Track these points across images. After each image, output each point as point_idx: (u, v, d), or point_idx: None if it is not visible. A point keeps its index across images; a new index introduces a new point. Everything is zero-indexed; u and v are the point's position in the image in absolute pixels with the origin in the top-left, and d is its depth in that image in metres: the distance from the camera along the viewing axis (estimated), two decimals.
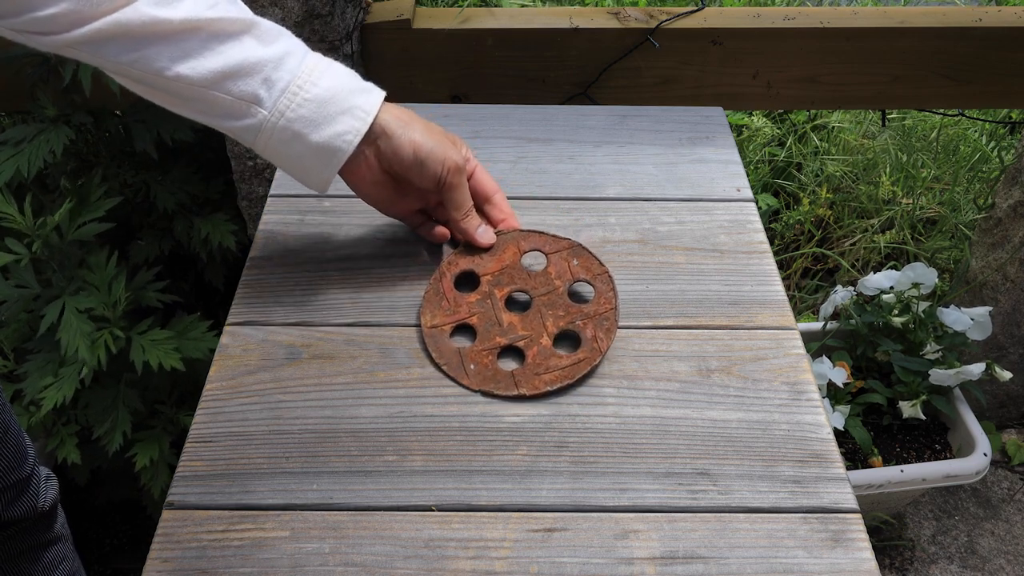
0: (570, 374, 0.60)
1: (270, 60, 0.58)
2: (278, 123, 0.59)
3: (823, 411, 0.60)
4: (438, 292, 0.66)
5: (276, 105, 0.58)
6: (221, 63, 0.56)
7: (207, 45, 0.56)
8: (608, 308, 0.64)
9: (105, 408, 1.01)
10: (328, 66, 0.61)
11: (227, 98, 0.57)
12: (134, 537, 1.37)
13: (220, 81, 0.57)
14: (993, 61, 1.13)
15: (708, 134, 0.83)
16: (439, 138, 0.64)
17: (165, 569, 0.51)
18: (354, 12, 1.01)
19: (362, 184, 0.65)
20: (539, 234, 0.69)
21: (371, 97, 0.61)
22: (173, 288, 1.09)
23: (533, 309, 0.64)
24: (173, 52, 0.56)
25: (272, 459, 0.56)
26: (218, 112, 0.58)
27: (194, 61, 0.56)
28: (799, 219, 1.68)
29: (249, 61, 0.57)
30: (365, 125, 0.61)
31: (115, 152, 1.11)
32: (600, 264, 0.67)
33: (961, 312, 1.26)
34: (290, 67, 0.58)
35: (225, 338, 0.63)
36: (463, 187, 0.66)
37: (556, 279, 0.66)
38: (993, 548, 1.41)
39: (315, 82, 0.59)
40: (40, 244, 0.93)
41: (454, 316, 0.64)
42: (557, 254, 0.67)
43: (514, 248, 0.68)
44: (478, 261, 0.68)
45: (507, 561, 0.51)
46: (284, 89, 0.58)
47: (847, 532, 0.53)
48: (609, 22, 1.09)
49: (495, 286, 0.66)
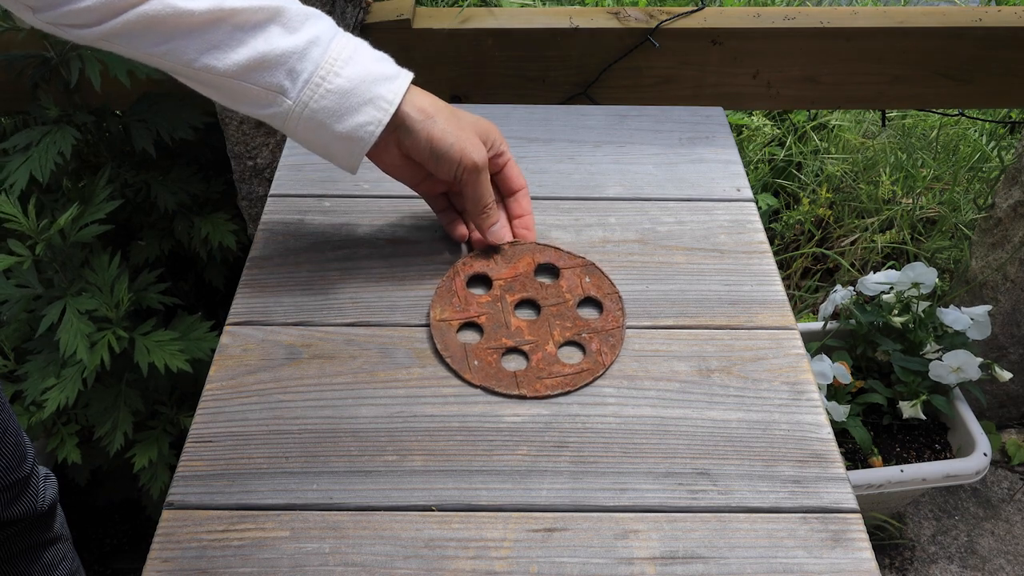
0: (571, 382, 0.61)
1: (295, 51, 0.58)
2: (303, 113, 0.60)
3: (823, 411, 0.60)
4: (450, 289, 0.66)
5: (300, 96, 0.59)
6: (246, 55, 0.57)
7: (232, 36, 0.57)
8: (615, 326, 0.64)
9: (106, 408, 1.01)
10: (354, 52, 0.60)
11: (254, 88, 0.59)
12: (134, 537, 1.37)
13: (246, 72, 0.58)
14: (993, 61, 1.13)
15: (708, 134, 0.83)
16: (461, 133, 0.64)
17: (165, 569, 0.51)
18: (354, 12, 1.01)
19: (387, 166, 0.66)
20: (555, 249, 0.69)
21: (394, 85, 0.61)
22: (174, 288, 1.09)
23: (541, 318, 0.65)
24: (200, 44, 0.57)
25: (272, 459, 0.56)
26: (246, 100, 0.60)
27: (220, 53, 0.57)
28: (799, 219, 1.68)
29: (274, 53, 0.58)
30: (387, 115, 0.61)
31: (116, 152, 1.11)
32: (611, 284, 0.67)
33: (961, 312, 1.26)
34: (314, 57, 0.59)
35: (225, 338, 0.63)
36: (480, 184, 0.65)
37: (567, 292, 0.66)
38: (993, 548, 1.41)
39: (338, 72, 0.59)
40: (43, 246, 0.93)
41: (463, 313, 0.65)
42: (571, 270, 0.68)
43: (529, 259, 0.69)
44: (492, 266, 0.68)
45: (507, 561, 0.51)
46: (308, 80, 0.59)
47: (847, 532, 0.53)
48: (609, 22, 1.09)
49: (507, 291, 0.67)
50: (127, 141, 1.08)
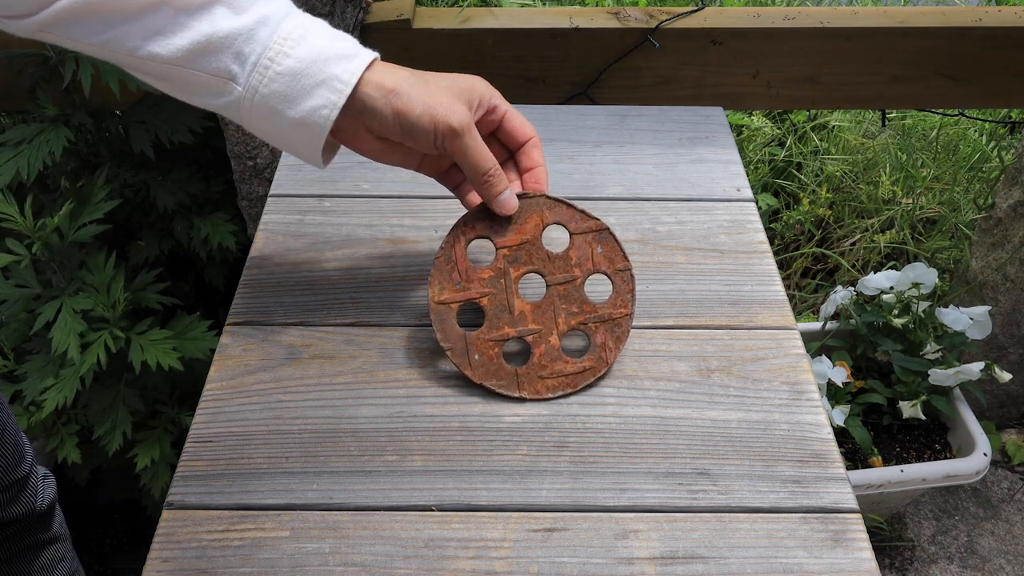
0: (573, 382, 0.60)
1: (241, 32, 0.54)
2: (254, 99, 0.55)
3: (823, 411, 0.60)
4: (450, 260, 0.62)
5: (249, 81, 0.54)
6: (190, 39, 0.53)
7: (175, 20, 0.53)
8: (623, 314, 0.62)
9: (105, 408, 1.01)
10: (306, 31, 0.55)
11: (203, 75, 0.55)
12: (134, 537, 1.37)
13: (192, 58, 0.54)
14: (993, 61, 1.13)
15: (708, 134, 0.83)
16: (430, 98, 0.57)
17: (165, 569, 0.51)
18: (354, 12, 1.01)
19: (370, 152, 0.61)
20: (567, 206, 0.62)
21: (351, 65, 0.55)
22: (173, 288, 1.09)
23: (547, 299, 0.62)
24: (142, 30, 0.53)
25: (272, 459, 0.56)
26: (197, 91, 0.56)
27: (163, 39, 0.53)
28: (799, 219, 1.68)
29: (218, 35, 0.54)
30: (342, 97, 0.55)
31: (115, 152, 1.11)
32: (624, 258, 0.63)
33: (960, 312, 1.26)
34: (262, 38, 0.54)
35: (225, 338, 0.63)
36: (469, 150, 0.58)
37: (576, 266, 0.62)
38: (993, 548, 1.41)
39: (288, 52, 0.54)
40: (40, 246, 0.93)
41: (464, 293, 0.61)
42: (582, 236, 0.62)
43: (537, 219, 0.62)
44: (496, 228, 0.62)
45: (507, 561, 0.51)
46: (256, 63, 0.54)
47: (847, 532, 0.53)
48: (609, 22, 1.09)
49: (511, 263, 0.62)
50: (126, 142, 1.07)
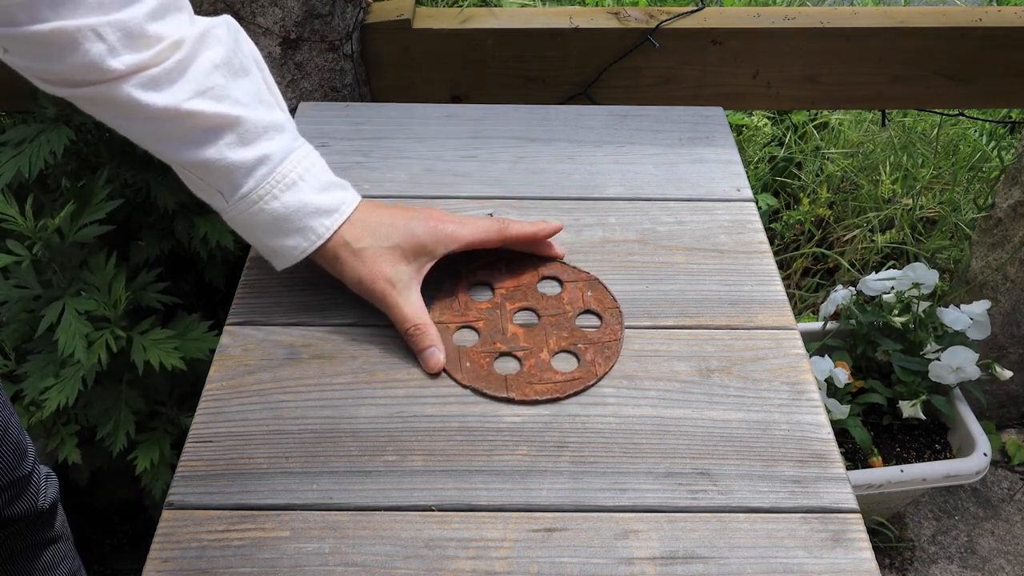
0: (561, 389, 0.60)
1: (241, 166, 0.60)
2: (237, 217, 0.62)
3: (823, 411, 0.60)
4: (451, 294, 0.67)
5: (236, 205, 0.61)
6: (192, 157, 0.60)
7: (186, 135, 0.59)
8: (612, 339, 0.64)
9: (107, 409, 1.01)
10: (300, 176, 0.61)
11: (198, 180, 0.62)
12: (134, 537, 1.37)
13: (193, 167, 0.61)
14: (993, 61, 1.13)
15: (708, 134, 0.83)
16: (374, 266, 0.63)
17: (165, 569, 0.51)
18: (354, 12, 1.01)
19: None
20: (561, 264, 0.70)
21: (328, 220, 0.62)
22: (173, 288, 1.09)
23: (539, 326, 0.65)
24: (154, 132, 0.60)
25: (272, 459, 0.56)
26: (191, 182, 0.63)
27: (172, 144, 0.60)
28: (799, 219, 1.68)
29: (220, 164, 0.60)
30: (313, 246, 0.62)
31: (116, 152, 1.11)
32: (613, 299, 0.67)
33: (960, 311, 1.26)
34: (258, 176, 0.60)
35: (225, 338, 0.63)
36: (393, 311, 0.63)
37: (568, 305, 0.67)
38: (993, 548, 1.41)
39: (277, 195, 0.61)
40: (41, 246, 0.93)
41: (462, 317, 0.65)
42: (574, 284, 0.68)
43: (533, 272, 0.69)
44: (496, 274, 0.69)
45: (507, 561, 0.51)
46: (245, 196, 0.61)
47: (847, 532, 0.53)
48: (609, 22, 1.09)
49: (507, 299, 0.67)
50: (127, 141, 1.07)
